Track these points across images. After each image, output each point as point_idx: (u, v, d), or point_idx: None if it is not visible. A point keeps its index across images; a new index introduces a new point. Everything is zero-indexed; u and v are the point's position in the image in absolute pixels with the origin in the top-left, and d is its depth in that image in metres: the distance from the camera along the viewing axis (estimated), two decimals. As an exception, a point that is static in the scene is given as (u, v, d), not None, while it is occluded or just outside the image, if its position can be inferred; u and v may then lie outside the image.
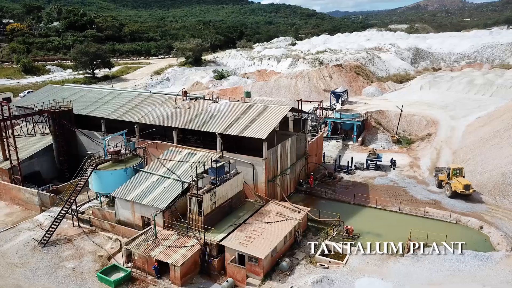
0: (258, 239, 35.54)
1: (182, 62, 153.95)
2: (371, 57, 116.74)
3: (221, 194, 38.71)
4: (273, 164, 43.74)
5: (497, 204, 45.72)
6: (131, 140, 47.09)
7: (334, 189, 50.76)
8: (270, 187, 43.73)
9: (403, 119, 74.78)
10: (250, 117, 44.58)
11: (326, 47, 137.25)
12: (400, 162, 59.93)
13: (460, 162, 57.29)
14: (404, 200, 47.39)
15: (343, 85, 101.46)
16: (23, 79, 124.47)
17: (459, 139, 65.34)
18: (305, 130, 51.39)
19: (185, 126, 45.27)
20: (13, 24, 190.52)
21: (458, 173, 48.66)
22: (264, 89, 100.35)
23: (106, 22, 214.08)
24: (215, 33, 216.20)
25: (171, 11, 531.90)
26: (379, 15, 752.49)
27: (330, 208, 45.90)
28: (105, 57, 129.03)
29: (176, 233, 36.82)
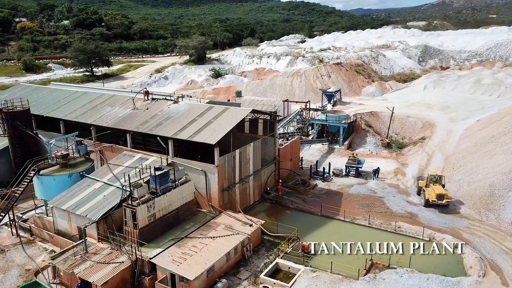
0: (195, 257, 32.07)
1: (186, 60, 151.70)
2: (375, 55, 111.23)
3: (163, 205, 35.38)
4: (229, 171, 40.14)
5: (481, 219, 40.85)
6: (83, 143, 44.21)
7: (304, 198, 46.78)
8: (226, 197, 40.15)
9: (397, 122, 69.92)
10: (207, 119, 41.11)
11: (331, 45, 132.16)
12: (385, 169, 55.40)
13: (450, 169, 52.50)
14: (377, 212, 43.08)
15: (342, 84, 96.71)
16: (22, 77, 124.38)
17: (455, 144, 60.28)
18: (274, 133, 47.50)
19: (137, 129, 42.16)
20: (24, 23, 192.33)
21: (436, 181, 44.00)
22: (259, 88, 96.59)
23: (115, 20, 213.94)
24: (223, 31, 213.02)
25: (190, 9, 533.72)
26: (402, 12, 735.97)
27: (293, 220, 42.16)
28: (103, 55, 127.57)
29: (110, 247, 33.70)
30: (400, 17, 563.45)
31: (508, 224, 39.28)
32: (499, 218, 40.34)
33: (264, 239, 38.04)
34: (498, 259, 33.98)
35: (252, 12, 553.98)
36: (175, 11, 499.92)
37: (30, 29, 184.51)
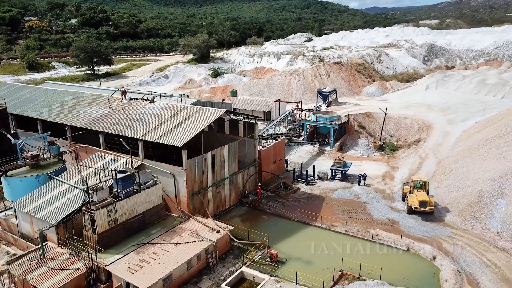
0: (153, 264, 30.70)
1: (189, 59, 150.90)
2: (377, 54, 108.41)
3: (126, 209, 34.12)
4: (200, 175, 38.65)
5: (466, 228, 38.57)
6: (56, 143, 43.25)
7: (284, 202, 45.04)
8: (196, 201, 38.68)
9: (393, 123, 67.51)
10: (178, 120, 39.72)
11: (334, 44, 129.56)
12: (373, 172, 53.31)
13: (441, 174, 50.15)
14: (357, 219, 41.12)
15: (342, 84, 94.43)
16: (25, 75, 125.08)
17: (450, 147, 57.71)
18: (253, 135, 45.85)
19: (108, 130, 40.97)
20: (32, 22, 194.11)
21: (421, 187, 41.80)
22: (256, 87, 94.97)
23: (122, 19, 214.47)
24: (230, 30, 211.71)
25: (203, 8, 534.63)
26: (418, 11, 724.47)
27: (268, 226, 40.61)
28: (104, 54, 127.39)
29: (68, 253, 32.57)
30: (415, 15, 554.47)
31: (494, 234, 36.98)
32: (485, 227, 38.03)
33: (234, 245, 36.49)
34: (477, 272, 31.81)
35: (264, 10, 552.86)
36: (188, 10, 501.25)
37: (38, 28, 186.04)
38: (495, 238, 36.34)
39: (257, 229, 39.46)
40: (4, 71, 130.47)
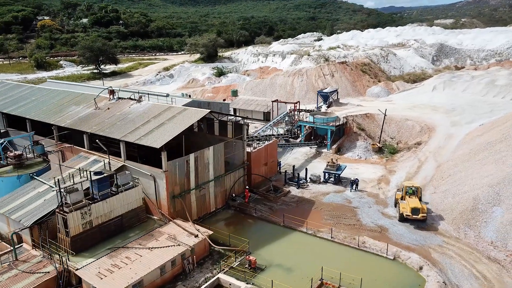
0: (124, 269, 29.79)
1: (197, 59, 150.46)
2: (384, 54, 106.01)
3: (102, 212, 33.33)
4: (182, 177, 37.63)
5: (458, 236, 36.73)
6: (40, 142, 42.78)
7: (272, 206, 43.76)
8: (178, 204, 37.67)
9: (394, 125, 65.59)
10: (161, 121, 38.79)
11: (342, 43, 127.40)
12: (369, 176, 51.64)
13: (439, 179, 48.21)
14: (345, 224, 39.60)
15: (346, 84, 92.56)
16: (32, 74, 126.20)
17: (452, 150, 55.59)
18: (242, 136, 44.66)
19: (91, 130, 40.27)
20: (44, 21, 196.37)
21: (413, 193, 39.98)
22: (259, 87, 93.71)
23: (133, 18, 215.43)
24: (240, 29, 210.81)
25: (217, 7, 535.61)
26: (435, 10, 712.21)
27: (253, 230, 39.48)
28: (110, 53, 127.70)
29: (42, 255, 31.91)
30: (433, 14, 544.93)
31: (487, 243, 35.09)
32: (478, 236, 36.15)
33: (214, 250, 35.39)
34: (464, 285, 30.10)
35: (278, 10, 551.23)
36: (202, 9, 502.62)
37: (50, 27, 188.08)
38: (488, 248, 34.45)
39: (241, 233, 38.35)
40: (13, 69, 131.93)
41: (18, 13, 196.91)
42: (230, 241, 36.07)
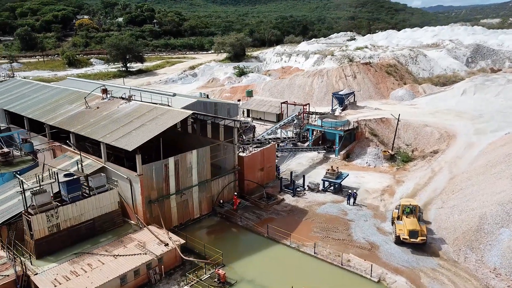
0: (82, 277, 28.50)
1: (225, 58, 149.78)
2: (414, 55, 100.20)
3: (71, 215, 32.38)
4: (159, 181, 36.03)
5: (457, 259, 32.85)
6: (30, 140, 42.61)
7: (261, 214, 41.35)
8: (155, 209, 36.11)
9: (411, 131, 61.20)
10: (142, 121, 37.44)
11: (370, 43, 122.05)
12: (374, 186, 48.08)
13: (450, 192, 43.96)
14: (334, 239, 36.59)
15: (369, 86, 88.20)
16: (63, 71, 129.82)
17: (470, 160, 50.89)
18: (232, 139, 42.53)
19: (75, 129, 39.53)
20: (82, 20, 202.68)
21: (411, 212, 36.09)
22: (277, 88, 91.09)
23: (166, 17, 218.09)
24: (271, 28, 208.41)
25: (257, 6, 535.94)
26: (486, 9, 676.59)
27: (234, 240, 37.41)
28: (136, 51, 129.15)
29: (8, 257, 31.27)
30: (482, 14, 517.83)
31: (489, 270, 31.06)
32: (480, 260, 32.14)
33: (187, 261, 33.50)
34: (451, 318, 26.51)
35: (318, 9, 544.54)
36: (242, 8, 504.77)
37: (87, 26, 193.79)
38: (488, 276, 30.46)
39: (220, 243, 36.36)
40: (46, 66, 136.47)
41: (59, 12, 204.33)
42: (205, 251, 34.10)
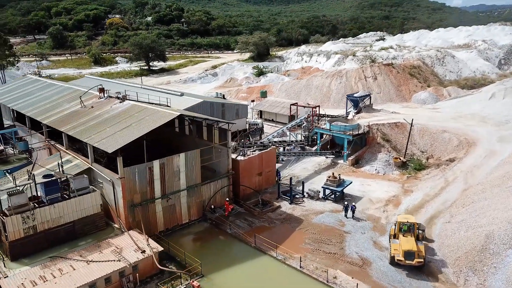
0: (49, 283, 27.64)
1: (248, 57, 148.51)
2: (441, 56, 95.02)
3: (49, 217, 31.69)
4: (143, 185, 34.84)
5: (456, 282, 29.81)
6: (24, 139, 42.57)
7: (253, 222, 39.48)
8: (138, 213, 34.95)
9: (428, 137, 57.56)
10: (129, 122, 36.42)
11: (396, 43, 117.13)
12: (379, 195, 45.17)
13: (460, 206, 40.55)
14: (325, 252, 34.24)
15: (390, 88, 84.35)
16: (88, 69, 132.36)
17: (489, 170, 47.03)
18: (226, 142, 40.86)
19: (65, 129, 39.02)
20: (112, 19, 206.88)
21: (408, 230, 32.95)
22: (294, 88, 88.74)
23: (194, 16, 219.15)
24: (299, 28, 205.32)
25: (290, 6, 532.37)
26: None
27: (219, 249, 35.67)
28: (158, 50, 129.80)
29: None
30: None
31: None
32: (482, 285, 29.02)
33: (165, 269, 32.13)
34: None
35: (352, 8, 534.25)
36: (275, 8, 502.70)
37: (117, 25, 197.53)
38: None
39: (205, 251, 34.95)
40: (73, 64, 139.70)
41: (91, 12, 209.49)
42: (185, 260, 32.61)
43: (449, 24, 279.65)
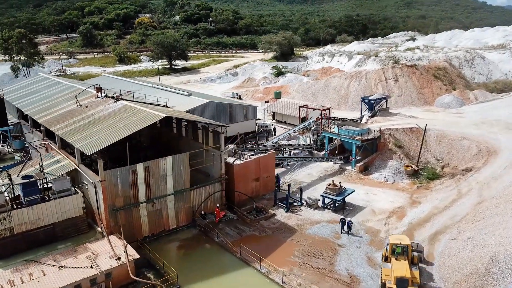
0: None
1: (272, 57, 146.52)
2: (470, 57, 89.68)
3: (27, 218, 31.10)
4: (126, 188, 33.67)
5: (452, 309, 26.87)
6: (20, 137, 42.51)
7: (243, 230, 37.63)
8: (121, 217, 33.83)
9: (445, 144, 53.92)
10: (116, 124, 35.43)
11: (423, 44, 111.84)
12: (383, 206, 42.29)
13: (470, 221, 37.18)
14: (313, 267, 31.98)
15: (412, 91, 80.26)
16: (112, 67, 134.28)
17: (508, 183, 43.08)
18: (219, 146, 39.21)
19: (55, 129, 38.52)
20: (141, 18, 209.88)
21: (402, 253, 29.91)
22: (311, 90, 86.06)
23: (221, 15, 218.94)
24: (327, 27, 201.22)
25: (324, 5, 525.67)
26: None
27: (202, 258, 34.03)
28: (180, 49, 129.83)
29: (-38, 258, 30.67)
30: None
31: (488, 328, 24.88)
32: (481, 314, 25.97)
33: (143, 277, 30.86)
34: None
35: (388, 8, 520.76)
36: (309, 7, 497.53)
37: (145, 24, 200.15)
38: (485, 336, 24.36)
39: (188, 259, 33.63)
40: (99, 62, 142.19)
41: (121, 11, 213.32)
42: (164, 269, 31.21)
43: (488, 24, 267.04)
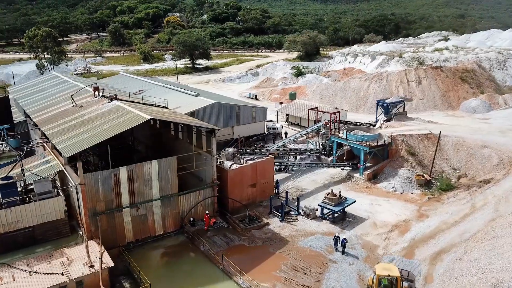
0: (-18, 294, 26.22)
1: (296, 56, 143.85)
2: (502, 59, 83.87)
3: (5, 220, 30.66)
4: (108, 193, 32.53)
5: None
6: (16, 136, 42.30)
7: (232, 239, 35.81)
8: (103, 222, 32.79)
9: (463, 152, 50.26)
10: (102, 125, 34.43)
11: (453, 44, 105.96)
12: (386, 218, 39.40)
13: (480, 240, 33.82)
14: (298, 284, 29.80)
15: (435, 94, 75.95)
16: (136, 66, 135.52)
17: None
18: (210, 149, 37.54)
19: (45, 129, 38.05)
20: (170, 17, 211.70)
21: (390, 286, 26.87)
22: (328, 91, 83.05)
23: (249, 14, 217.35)
24: (356, 26, 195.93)
25: (359, 4, 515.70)
26: None
27: (183, 268, 32.52)
28: (202, 48, 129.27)
29: None
30: None
31: None
32: None
33: (117, 286, 29.66)
34: None
35: (425, 7, 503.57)
36: (343, 6, 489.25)
37: (173, 23, 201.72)
38: None
39: (169, 269, 32.24)
40: (124, 61, 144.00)
41: (151, 10, 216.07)
42: (141, 279, 29.86)
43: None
